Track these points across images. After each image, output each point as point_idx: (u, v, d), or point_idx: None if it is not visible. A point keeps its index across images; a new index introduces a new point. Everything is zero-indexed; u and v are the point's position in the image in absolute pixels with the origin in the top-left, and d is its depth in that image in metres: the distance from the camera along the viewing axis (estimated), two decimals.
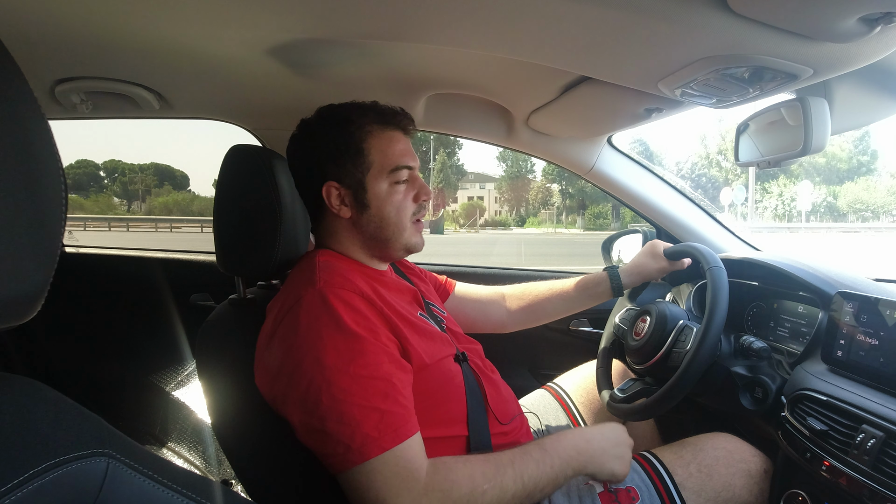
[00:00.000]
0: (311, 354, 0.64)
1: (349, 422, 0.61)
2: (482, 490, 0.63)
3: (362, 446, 0.60)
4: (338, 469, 0.62)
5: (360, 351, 0.65)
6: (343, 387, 0.63)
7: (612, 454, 0.76)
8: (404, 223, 0.82)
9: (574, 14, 0.62)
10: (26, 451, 0.31)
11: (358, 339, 0.66)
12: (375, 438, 0.61)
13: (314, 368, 0.64)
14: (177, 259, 1.73)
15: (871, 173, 35.76)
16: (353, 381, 0.63)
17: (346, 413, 0.62)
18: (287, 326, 0.68)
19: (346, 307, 0.68)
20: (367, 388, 0.63)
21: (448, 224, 32.28)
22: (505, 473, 0.66)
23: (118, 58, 0.94)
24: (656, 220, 1.33)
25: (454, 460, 0.66)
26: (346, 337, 0.66)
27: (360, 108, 0.82)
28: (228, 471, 1.57)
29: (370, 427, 0.61)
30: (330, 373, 0.63)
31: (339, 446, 0.61)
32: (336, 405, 0.62)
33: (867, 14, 0.52)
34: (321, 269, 0.74)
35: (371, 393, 0.63)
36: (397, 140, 0.82)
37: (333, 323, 0.66)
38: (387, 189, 0.80)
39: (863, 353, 0.75)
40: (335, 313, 0.67)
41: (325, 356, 0.64)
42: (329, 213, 0.82)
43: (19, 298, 0.31)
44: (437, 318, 0.88)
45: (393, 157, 0.80)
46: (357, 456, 0.60)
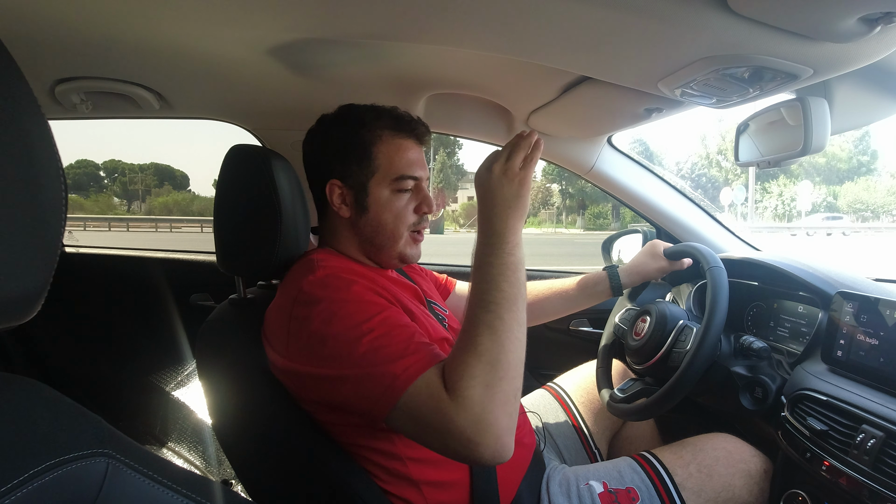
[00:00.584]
0: (329, 331, 0.64)
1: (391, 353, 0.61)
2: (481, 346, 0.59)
3: (408, 368, 0.60)
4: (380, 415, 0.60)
5: (377, 310, 0.66)
6: (377, 335, 0.63)
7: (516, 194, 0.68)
8: (400, 232, 0.81)
9: (574, 14, 0.62)
10: (26, 451, 0.31)
11: (372, 303, 0.67)
12: (417, 361, 0.60)
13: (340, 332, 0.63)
14: (177, 259, 1.73)
15: (871, 173, 35.77)
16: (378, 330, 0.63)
17: (387, 349, 0.61)
18: (300, 317, 0.68)
19: (349, 283, 0.69)
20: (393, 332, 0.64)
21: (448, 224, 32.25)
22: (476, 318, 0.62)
23: (118, 58, 0.94)
24: (656, 220, 1.33)
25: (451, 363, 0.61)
26: (357, 301, 0.67)
27: (376, 111, 0.82)
28: (228, 471, 1.57)
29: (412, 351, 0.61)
30: (355, 330, 0.63)
31: (385, 378, 0.60)
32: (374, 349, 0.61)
33: (867, 14, 0.52)
34: (320, 262, 0.75)
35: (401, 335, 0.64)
36: (407, 149, 0.81)
37: (343, 296, 0.67)
38: (388, 196, 0.80)
39: (863, 353, 0.75)
40: (345, 284, 0.68)
41: (343, 323, 0.64)
42: (331, 211, 0.82)
43: (19, 298, 0.31)
44: (438, 315, 0.88)
45: (399, 166, 0.79)
46: (402, 383, 0.59)
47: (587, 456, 1.03)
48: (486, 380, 0.57)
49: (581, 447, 1.04)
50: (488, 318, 0.61)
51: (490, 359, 0.59)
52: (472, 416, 0.55)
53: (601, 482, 0.81)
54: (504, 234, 0.66)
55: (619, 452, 1.08)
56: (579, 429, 1.06)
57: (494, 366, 0.59)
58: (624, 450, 1.09)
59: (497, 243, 0.66)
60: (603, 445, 1.08)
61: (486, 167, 0.70)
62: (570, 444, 1.03)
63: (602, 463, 0.91)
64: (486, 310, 0.62)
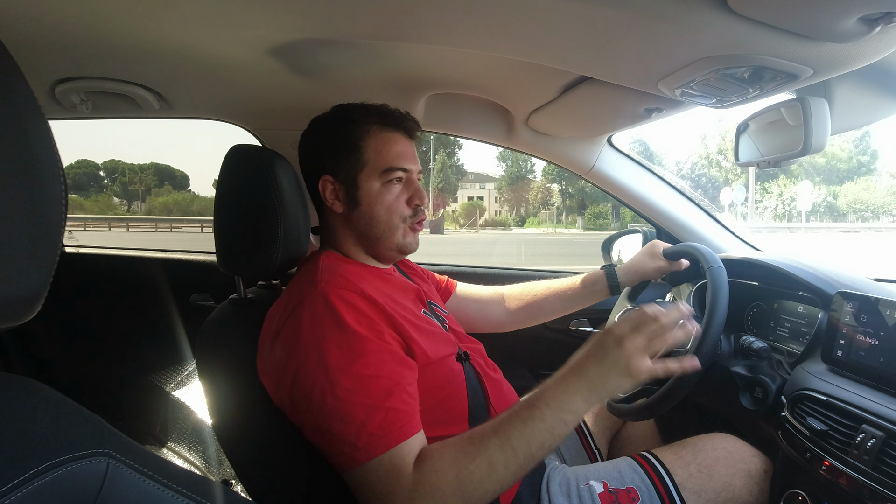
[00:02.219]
0: (315, 355, 0.65)
1: (353, 421, 0.61)
2: (468, 470, 0.59)
3: (367, 445, 0.60)
4: (344, 468, 0.62)
5: (362, 350, 0.66)
6: (347, 387, 0.63)
7: (615, 369, 0.64)
8: (394, 223, 0.82)
9: (574, 14, 0.62)
10: (26, 451, 0.31)
11: (360, 339, 0.66)
12: (380, 437, 0.61)
13: (318, 369, 0.64)
14: (177, 259, 1.73)
15: (871, 173, 35.76)
16: (356, 381, 0.63)
17: (349, 413, 0.62)
18: (290, 328, 0.69)
19: (348, 307, 0.68)
20: (371, 386, 0.63)
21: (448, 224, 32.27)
22: (488, 445, 0.61)
23: (118, 58, 0.94)
24: (656, 220, 1.33)
25: (437, 447, 0.63)
26: (348, 337, 0.66)
27: (364, 108, 0.83)
28: (228, 471, 1.57)
29: (374, 426, 0.61)
30: (333, 373, 0.63)
31: (344, 445, 0.61)
32: (340, 405, 0.62)
33: (867, 14, 0.52)
34: (323, 270, 0.75)
35: (374, 391, 0.63)
36: (395, 141, 0.82)
37: (336, 323, 0.67)
38: (378, 188, 0.81)
39: (863, 353, 0.75)
40: (337, 313, 0.67)
41: (329, 357, 0.64)
42: (327, 209, 0.84)
43: (19, 298, 0.31)
44: (439, 317, 0.88)
45: (388, 158, 0.81)
46: (363, 454, 0.60)
47: (587, 456, 1.03)
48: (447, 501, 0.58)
49: (581, 447, 1.04)
50: (493, 454, 0.60)
51: (467, 486, 0.59)
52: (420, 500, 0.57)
53: (601, 482, 0.81)
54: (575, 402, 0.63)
55: (619, 452, 1.08)
56: (579, 429, 1.06)
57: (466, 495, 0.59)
58: (624, 450, 1.09)
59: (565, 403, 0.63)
60: (603, 445, 1.08)
61: (619, 336, 0.65)
62: (570, 444, 1.03)
63: (602, 463, 0.91)
64: (500, 446, 0.61)
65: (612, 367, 0.64)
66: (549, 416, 0.62)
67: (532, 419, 0.62)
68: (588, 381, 0.64)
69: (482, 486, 0.59)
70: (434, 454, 0.62)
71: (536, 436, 0.61)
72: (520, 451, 0.60)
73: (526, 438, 0.61)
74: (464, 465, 0.60)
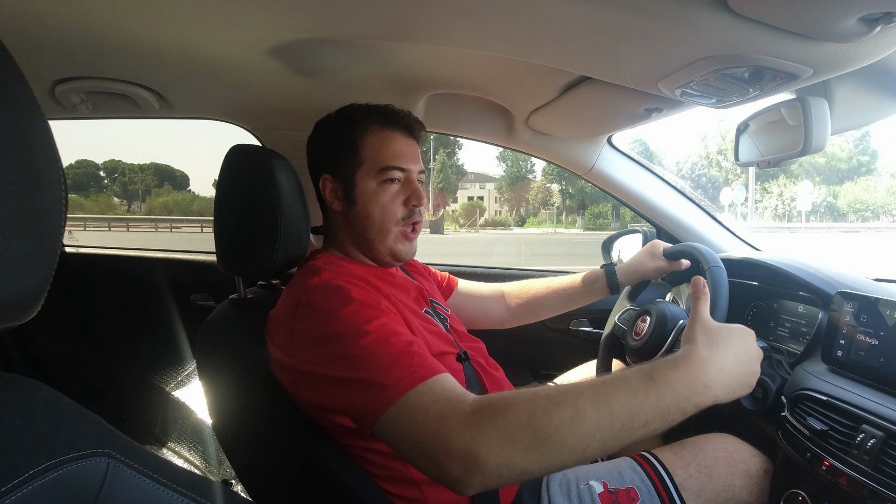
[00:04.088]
0: (328, 330, 0.64)
1: (384, 361, 0.59)
2: (549, 412, 0.51)
3: (400, 380, 0.57)
4: (379, 410, 0.57)
5: (374, 315, 0.65)
6: (371, 339, 0.61)
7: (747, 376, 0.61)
8: (388, 226, 0.81)
9: (574, 14, 0.62)
10: (26, 451, 0.31)
11: (369, 307, 0.66)
12: (412, 372, 0.58)
13: (337, 338, 0.63)
14: (177, 259, 1.73)
15: (871, 173, 35.77)
16: (377, 335, 0.62)
17: (381, 355, 0.60)
18: (301, 317, 0.68)
19: (354, 286, 0.69)
20: (393, 337, 0.63)
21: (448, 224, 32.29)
22: (581, 395, 0.52)
23: (118, 58, 0.94)
24: (656, 220, 1.33)
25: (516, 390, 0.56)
26: (359, 305, 0.66)
27: (366, 108, 0.84)
28: (228, 471, 1.57)
29: (405, 363, 0.59)
30: (354, 334, 0.62)
31: (375, 387, 0.58)
32: (369, 353, 0.60)
33: (867, 14, 0.52)
34: (325, 265, 0.76)
35: (397, 340, 0.63)
36: (394, 140, 0.82)
37: (344, 298, 0.66)
38: (374, 188, 0.81)
39: (863, 353, 0.75)
40: (344, 289, 0.68)
41: (346, 322, 0.63)
42: (328, 208, 0.85)
43: (19, 298, 0.31)
44: (440, 315, 0.88)
45: (385, 157, 0.80)
46: (396, 390, 0.56)
47: None
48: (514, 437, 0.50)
49: None
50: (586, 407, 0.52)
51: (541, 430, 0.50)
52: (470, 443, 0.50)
53: (601, 482, 0.81)
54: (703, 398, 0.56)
55: (618, 452, 1.08)
56: None
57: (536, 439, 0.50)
58: (624, 450, 1.09)
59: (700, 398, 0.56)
60: None
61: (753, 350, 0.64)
62: None
63: (602, 463, 0.91)
64: (596, 402, 0.52)
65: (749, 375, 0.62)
66: (669, 398, 0.54)
67: (646, 393, 0.54)
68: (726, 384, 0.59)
69: (559, 434, 0.50)
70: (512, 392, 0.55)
71: (644, 411, 0.53)
72: (618, 418, 0.52)
73: (631, 409, 0.53)
74: (543, 405, 0.51)
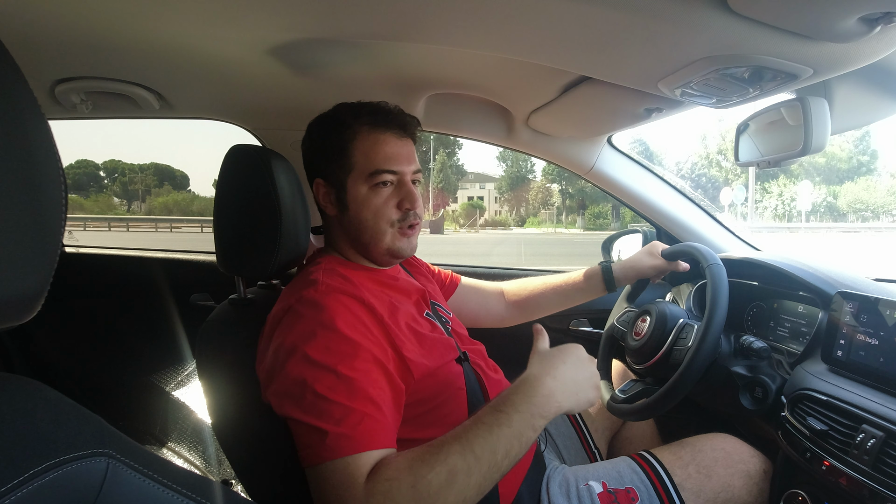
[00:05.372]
0: (302, 349, 0.64)
1: (328, 417, 0.60)
2: (426, 479, 0.55)
3: (334, 443, 0.58)
4: (307, 462, 0.60)
5: (351, 354, 0.65)
6: (329, 384, 0.62)
7: (584, 380, 0.67)
8: (382, 229, 0.80)
9: (574, 14, 0.62)
10: (26, 451, 0.31)
11: (350, 343, 0.65)
12: (349, 438, 0.59)
13: (303, 363, 0.63)
14: (177, 259, 1.73)
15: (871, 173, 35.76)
16: (339, 381, 0.62)
17: (326, 409, 0.60)
18: (285, 325, 0.69)
19: (345, 311, 0.68)
20: (353, 388, 0.62)
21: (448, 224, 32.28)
22: (449, 452, 0.57)
23: (118, 58, 0.94)
24: (656, 220, 1.33)
25: (395, 456, 0.60)
26: (339, 339, 0.65)
27: (355, 108, 0.81)
28: (228, 471, 1.57)
29: (348, 426, 0.59)
30: (318, 370, 0.62)
31: (313, 438, 0.59)
32: (319, 401, 0.61)
33: (867, 14, 0.52)
34: (324, 272, 0.75)
35: (356, 393, 0.62)
36: (385, 143, 0.79)
37: (329, 323, 0.66)
38: (365, 193, 0.79)
39: (863, 353, 0.75)
40: (332, 315, 0.67)
41: (316, 353, 0.64)
42: (324, 212, 0.85)
43: (19, 298, 0.31)
44: (442, 318, 0.88)
45: (375, 161, 0.78)
46: (328, 452, 0.58)
47: (587, 456, 1.03)
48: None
49: (580, 447, 1.04)
50: (454, 463, 0.56)
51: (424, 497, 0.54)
52: None
53: (600, 482, 0.81)
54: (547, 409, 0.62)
55: (618, 452, 1.08)
56: (579, 429, 1.06)
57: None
58: (623, 450, 1.09)
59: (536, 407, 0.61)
60: (602, 445, 1.08)
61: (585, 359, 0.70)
62: (569, 445, 1.03)
63: (601, 463, 0.91)
64: (461, 454, 0.57)
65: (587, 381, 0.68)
66: (517, 421, 0.59)
67: (498, 424, 0.59)
68: (564, 389, 0.65)
69: (441, 497, 0.55)
70: (390, 462, 0.58)
71: (502, 442, 0.58)
72: (483, 459, 0.57)
73: (491, 445, 0.58)
74: (421, 473, 0.55)
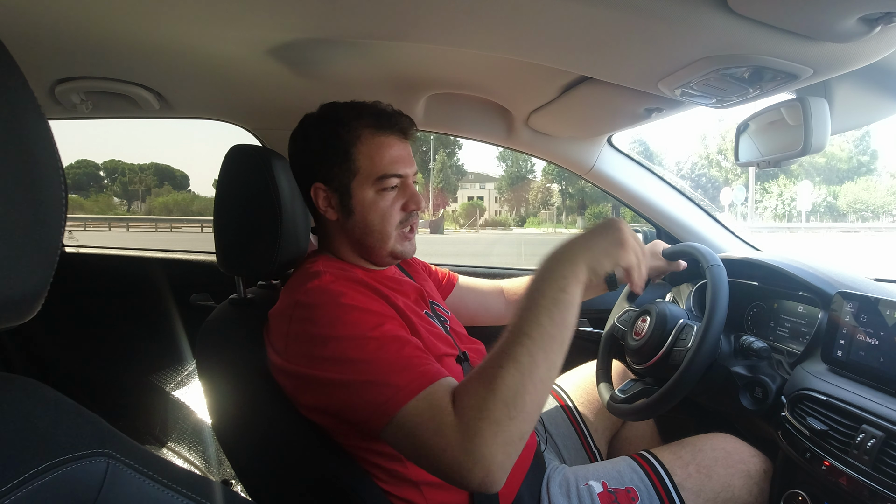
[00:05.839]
0: (331, 335, 0.64)
1: (388, 368, 0.61)
2: (501, 377, 0.56)
3: (409, 383, 0.59)
4: (385, 418, 0.59)
5: (377, 322, 0.66)
6: (374, 346, 0.63)
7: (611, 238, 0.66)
8: (388, 232, 0.80)
9: (574, 14, 0.62)
10: (26, 451, 0.31)
11: (372, 313, 0.67)
12: (420, 375, 0.60)
13: (342, 345, 0.63)
14: (177, 259, 1.73)
15: (871, 173, 35.77)
16: (381, 341, 0.63)
17: (383, 362, 0.61)
18: (299, 319, 0.68)
19: (355, 291, 0.69)
20: (394, 344, 0.64)
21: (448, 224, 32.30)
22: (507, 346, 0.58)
23: (118, 58, 0.94)
24: (656, 219, 1.33)
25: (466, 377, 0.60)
26: (360, 312, 0.67)
27: (355, 109, 0.79)
28: (228, 471, 1.57)
29: (412, 366, 0.61)
30: (357, 340, 0.63)
31: (386, 391, 0.59)
32: (372, 359, 0.61)
33: (867, 14, 0.52)
34: (324, 265, 0.75)
35: (401, 347, 0.63)
36: (389, 146, 0.78)
37: (345, 303, 0.67)
38: (372, 196, 0.78)
39: (863, 353, 0.75)
40: (344, 296, 0.68)
41: (346, 330, 0.64)
42: (322, 216, 0.82)
43: (19, 298, 0.31)
44: (440, 317, 0.88)
45: (381, 165, 0.77)
46: (405, 394, 0.59)
47: (587, 456, 1.03)
48: (497, 416, 0.55)
49: (581, 447, 1.04)
50: (517, 352, 0.57)
51: (507, 396, 0.55)
52: (471, 447, 0.54)
53: (601, 482, 0.81)
54: (568, 266, 0.62)
55: (618, 452, 1.08)
56: (579, 429, 1.06)
57: (509, 405, 0.55)
58: (623, 450, 1.09)
59: (555, 272, 0.62)
60: (603, 445, 1.08)
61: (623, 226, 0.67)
62: (569, 445, 1.03)
63: (601, 463, 0.91)
64: (518, 342, 0.58)
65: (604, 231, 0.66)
66: (546, 290, 0.61)
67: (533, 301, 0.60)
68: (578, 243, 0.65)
69: (521, 387, 0.56)
70: (463, 384, 0.59)
71: (543, 312, 0.59)
72: (534, 334, 0.58)
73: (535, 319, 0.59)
74: (493, 374, 0.57)
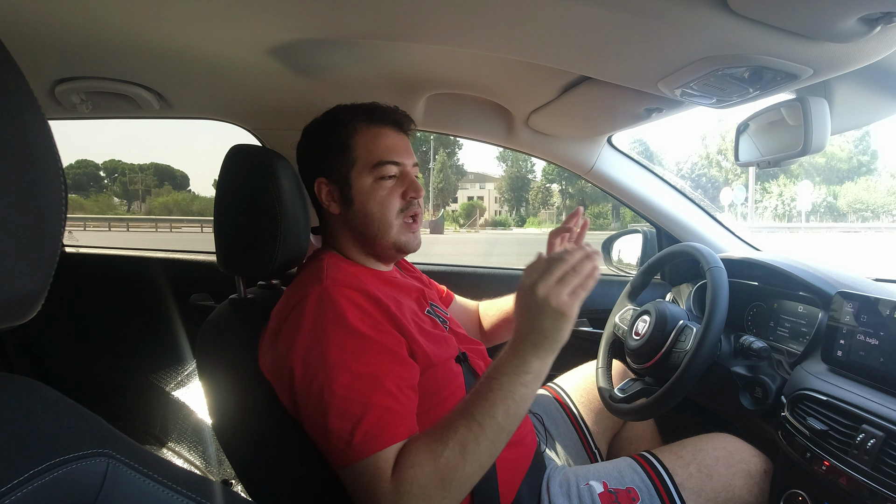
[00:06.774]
0: (316, 351, 0.65)
1: (349, 417, 0.62)
2: (443, 456, 0.59)
3: (361, 443, 0.61)
4: (337, 465, 0.63)
5: (363, 349, 0.66)
6: (345, 383, 0.63)
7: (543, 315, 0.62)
8: (389, 219, 0.81)
9: (574, 14, 0.62)
10: (26, 451, 0.31)
11: (361, 338, 0.66)
12: (374, 436, 0.61)
13: (317, 365, 0.64)
14: (177, 259, 1.73)
15: (871, 173, 35.78)
16: (355, 379, 0.63)
17: (346, 409, 0.62)
18: (292, 323, 0.69)
19: (352, 305, 0.69)
20: (369, 385, 0.63)
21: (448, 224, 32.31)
22: (457, 427, 0.61)
23: (118, 58, 0.94)
24: (656, 220, 1.33)
25: (414, 440, 0.63)
26: (349, 335, 0.66)
27: (352, 108, 0.84)
28: (228, 471, 1.57)
29: (369, 424, 0.61)
30: (333, 369, 0.63)
31: (339, 442, 0.61)
32: (337, 401, 0.62)
33: (867, 14, 0.52)
34: (329, 268, 0.75)
35: (373, 390, 0.63)
36: (384, 136, 0.82)
37: (338, 320, 0.67)
38: (371, 184, 0.81)
39: (863, 353, 0.75)
40: (340, 311, 0.67)
41: (329, 353, 0.64)
42: (326, 211, 0.84)
43: (19, 298, 0.31)
44: (441, 318, 0.88)
45: (377, 152, 0.80)
46: (356, 453, 0.60)
47: (587, 456, 1.03)
48: (430, 493, 0.58)
49: (581, 447, 1.04)
50: (465, 436, 0.60)
51: (444, 473, 0.59)
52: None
53: (601, 482, 0.81)
54: (527, 363, 0.63)
55: (619, 452, 1.08)
56: (579, 429, 1.06)
57: (444, 482, 0.59)
58: (624, 450, 1.09)
59: (516, 367, 0.63)
60: (603, 445, 1.08)
61: (531, 285, 0.63)
62: (570, 444, 1.03)
63: (602, 463, 0.91)
64: (467, 427, 0.61)
65: (540, 315, 0.62)
66: (506, 383, 0.62)
67: (490, 390, 0.62)
68: (528, 337, 0.64)
69: (460, 470, 0.59)
70: (410, 448, 0.61)
71: (499, 405, 0.62)
72: (486, 424, 0.61)
73: (489, 410, 0.61)
74: (438, 452, 0.59)
